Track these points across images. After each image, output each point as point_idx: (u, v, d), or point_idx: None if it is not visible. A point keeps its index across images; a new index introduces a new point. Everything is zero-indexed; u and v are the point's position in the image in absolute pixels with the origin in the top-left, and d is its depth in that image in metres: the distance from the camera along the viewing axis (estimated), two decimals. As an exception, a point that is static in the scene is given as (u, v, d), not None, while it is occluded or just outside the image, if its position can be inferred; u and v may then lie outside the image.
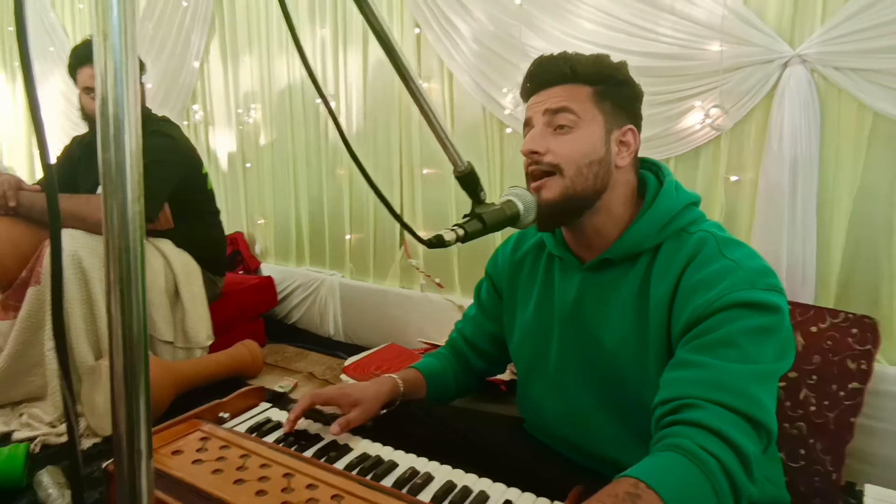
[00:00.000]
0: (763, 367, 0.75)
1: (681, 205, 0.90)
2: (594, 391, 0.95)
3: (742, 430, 0.71)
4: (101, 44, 0.40)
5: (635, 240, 0.90)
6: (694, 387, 0.74)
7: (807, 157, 1.43)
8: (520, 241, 1.11)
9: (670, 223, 0.89)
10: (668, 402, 0.76)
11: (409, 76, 0.68)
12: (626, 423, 0.92)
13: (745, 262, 0.81)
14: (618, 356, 0.90)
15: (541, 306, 1.03)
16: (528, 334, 1.04)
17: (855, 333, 1.24)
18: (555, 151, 0.90)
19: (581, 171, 0.90)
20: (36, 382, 1.74)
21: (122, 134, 0.40)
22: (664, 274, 0.86)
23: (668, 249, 0.88)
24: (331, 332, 2.57)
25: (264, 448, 0.90)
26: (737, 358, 0.75)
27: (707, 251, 0.84)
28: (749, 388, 0.73)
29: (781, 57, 1.42)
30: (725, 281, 0.79)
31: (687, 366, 0.77)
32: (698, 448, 0.69)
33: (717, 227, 0.90)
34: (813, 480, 1.24)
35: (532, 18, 1.80)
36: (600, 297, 0.93)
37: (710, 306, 0.78)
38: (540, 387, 1.04)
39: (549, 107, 0.91)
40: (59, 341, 0.47)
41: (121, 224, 0.41)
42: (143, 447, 0.41)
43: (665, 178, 0.94)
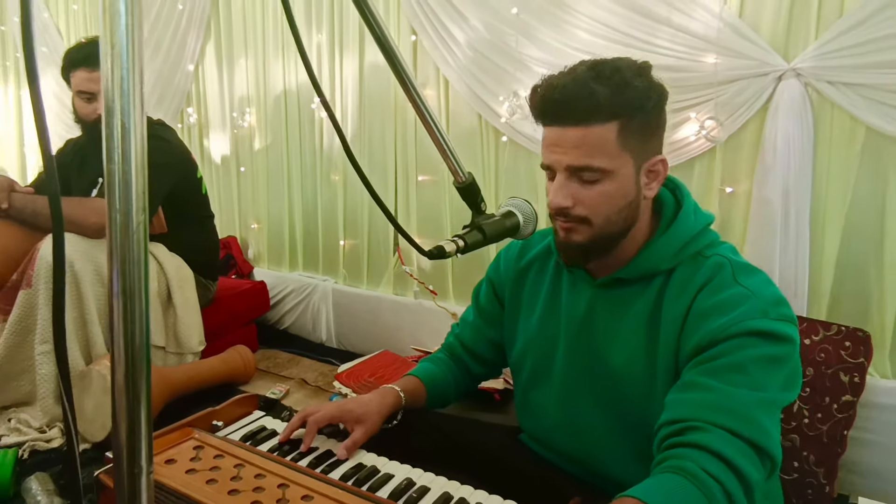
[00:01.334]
0: (770, 396, 0.75)
1: (699, 227, 0.89)
2: (598, 405, 0.94)
3: (746, 455, 0.71)
4: (108, 53, 0.39)
5: (651, 262, 0.89)
6: (700, 409, 0.74)
7: (800, 169, 1.45)
8: (525, 247, 1.09)
9: (687, 246, 0.87)
10: (673, 423, 0.76)
11: (411, 84, 0.68)
12: (627, 441, 0.92)
13: (759, 290, 0.81)
14: (625, 375, 0.90)
15: (546, 316, 1.01)
16: (532, 343, 1.03)
17: (848, 346, 1.25)
18: (584, 203, 0.85)
19: (611, 219, 0.86)
20: (25, 387, 1.71)
21: (128, 144, 0.40)
22: (678, 297, 0.85)
23: (684, 272, 0.87)
24: (323, 338, 2.55)
25: (259, 457, 0.89)
26: (745, 384, 0.74)
27: (722, 277, 0.83)
28: (755, 414, 0.73)
29: (776, 70, 1.44)
30: (739, 308, 0.79)
31: (694, 388, 0.77)
32: (701, 471, 0.69)
33: (732, 250, 0.89)
34: (806, 493, 1.24)
35: (528, 28, 1.81)
36: (611, 315, 0.92)
37: (723, 332, 0.78)
38: (542, 396, 1.03)
39: (572, 164, 0.83)
40: (59, 347, 0.46)
41: (124, 235, 0.40)
42: (143, 462, 0.41)
43: (684, 199, 0.91)
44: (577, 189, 0.85)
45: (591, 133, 0.82)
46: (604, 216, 0.86)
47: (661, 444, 0.76)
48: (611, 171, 0.83)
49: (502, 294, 1.11)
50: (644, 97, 0.82)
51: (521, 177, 1.97)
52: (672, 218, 0.90)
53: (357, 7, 0.57)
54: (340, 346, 2.52)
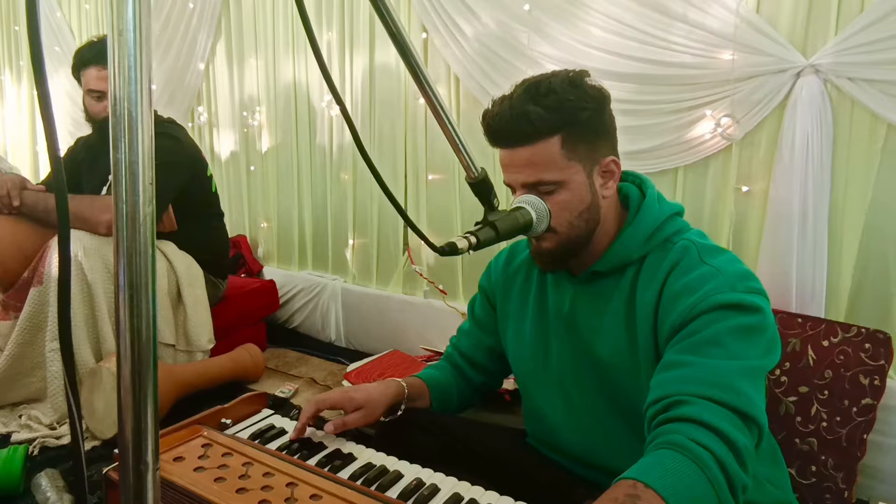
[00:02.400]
0: (749, 363, 0.77)
1: (664, 216, 0.92)
2: (594, 398, 0.96)
3: (731, 421, 0.72)
4: (115, 40, 0.39)
5: (622, 253, 0.92)
6: (682, 384, 0.76)
7: (818, 168, 1.42)
8: (512, 253, 1.13)
9: (654, 234, 0.91)
10: (658, 401, 0.78)
11: (423, 78, 0.67)
12: (627, 430, 0.93)
13: (725, 267, 0.84)
14: (612, 365, 0.92)
15: (537, 317, 1.04)
16: (526, 345, 1.05)
17: (868, 348, 1.22)
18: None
19: (573, 224, 0.91)
20: (35, 384, 1.72)
21: (135, 133, 0.39)
22: (649, 283, 0.88)
23: (653, 259, 0.90)
24: (332, 337, 2.55)
25: (267, 456, 0.89)
26: (722, 355, 0.77)
27: (688, 259, 0.87)
28: (735, 382, 0.75)
29: (794, 67, 1.41)
30: (707, 285, 0.82)
31: (674, 366, 0.79)
32: (691, 442, 0.70)
33: (699, 234, 0.93)
34: (824, 497, 1.22)
35: (541, 24, 1.79)
36: (593, 309, 0.95)
37: (694, 310, 0.80)
38: (542, 395, 1.04)
39: (525, 181, 0.90)
40: (65, 344, 0.45)
41: (131, 226, 0.39)
42: (149, 458, 0.40)
43: (647, 189, 0.95)
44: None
45: (536, 150, 0.87)
46: (566, 223, 0.90)
47: (650, 423, 0.78)
48: (563, 181, 0.88)
49: (494, 301, 1.14)
50: (579, 108, 0.86)
51: (532, 175, 1.95)
52: (637, 208, 0.93)
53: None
54: (349, 346, 2.52)
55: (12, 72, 3.97)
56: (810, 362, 1.26)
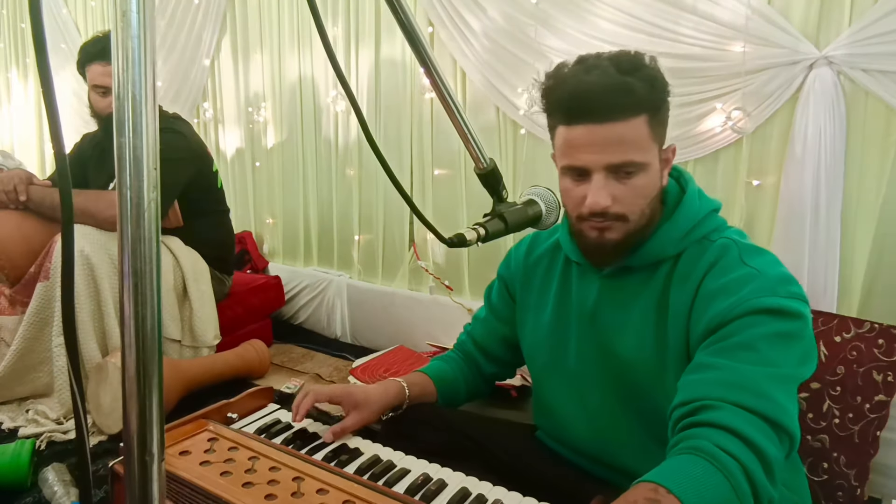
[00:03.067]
0: (783, 371, 0.74)
1: (703, 212, 0.88)
2: (612, 396, 0.94)
3: (762, 431, 0.69)
4: (118, 22, 0.38)
5: (658, 249, 0.88)
6: (712, 388, 0.73)
7: (831, 161, 1.40)
8: (534, 243, 1.10)
9: (693, 231, 0.87)
10: (686, 403, 0.75)
11: (431, 65, 0.66)
12: (642, 430, 0.91)
13: (766, 269, 0.80)
14: (635, 363, 0.89)
15: (558, 310, 1.01)
16: (545, 337, 1.03)
17: (881, 344, 1.21)
18: (622, 201, 0.84)
19: (644, 213, 0.86)
20: (42, 379, 1.72)
21: (138, 117, 0.38)
22: (684, 281, 0.85)
23: (689, 257, 0.86)
24: (338, 333, 2.54)
25: (273, 450, 0.88)
26: (756, 361, 0.74)
27: (728, 258, 0.82)
28: (769, 389, 0.72)
29: (807, 58, 1.39)
30: (746, 288, 0.78)
31: (705, 368, 0.76)
32: (717, 449, 0.67)
33: (739, 234, 0.89)
34: (836, 495, 1.20)
35: (549, 18, 1.77)
36: (619, 304, 0.92)
37: (731, 312, 0.77)
38: (556, 390, 1.02)
39: (612, 161, 0.81)
40: (70, 338, 0.44)
41: (136, 213, 0.38)
42: (154, 449, 0.39)
43: (687, 185, 0.92)
44: (615, 187, 0.83)
45: (629, 127, 0.80)
46: (639, 211, 0.85)
47: (675, 426, 0.75)
48: (646, 164, 0.83)
49: (513, 291, 1.11)
50: (665, 90, 0.84)
51: (540, 170, 1.93)
52: (676, 203, 0.89)
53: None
54: (355, 342, 2.51)
55: (19, 69, 3.99)
56: (822, 358, 1.25)
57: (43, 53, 0.40)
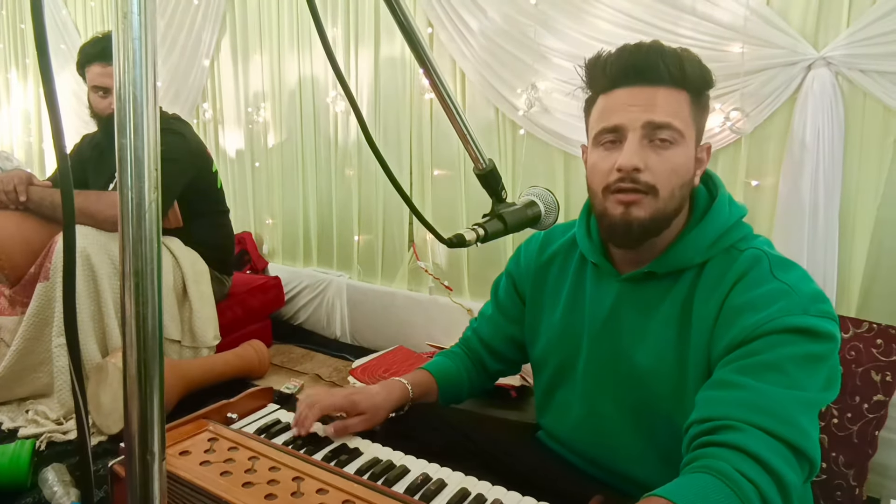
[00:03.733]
0: (809, 396, 0.71)
1: (733, 220, 0.85)
2: (623, 406, 0.91)
3: (783, 457, 0.67)
4: (119, 22, 0.38)
5: (684, 256, 0.85)
6: (734, 408, 0.70)
7: (829, 162, 1.40)
8: (546, 241, 1.06)
9: (720, 239, 0.84)
10: (705, 421, 0.72)
11: (430, 65, 0.66)
12: (652, 442, 0.89)
13: (798, 285, 0.77)
14: (652, 373, 0.86)
15: (570, 311, 0.98)
16: (556, 339, 1.00)
17: (880, 344, 1.21)
18: (654, 170, 0.81)
19: (673, 194, 0.82)
20: (42, 379, 1.72)
21: (140, 117, 0.38)
22: (711, 292, 0.81)
23: (716, 266, 0.83)
24: (337, 333, 2.55)
25: (273, 450, 0.88)
26: (783, 383, 0.70)
27: (758, 271, 0.79)
28: (794, 414, 0.69)
29: (805, 59, 1.39)
30: (777, 304, 0.75)
31: (728, 386, 0.73)
32: (735, 472, 0.65)
33: (767, 244, 0.85)
34: (835, 495, 1.20)
35: (548, 18, 1.78)
36: (639, 312, 0.88)
37: (759, 329, 0.74)
38: (565, 395, 1.00)
39: (654, 120, 0.79)
40: (72, 339, 0.45)
41: (137, 214, 0.39)
42: (156, 448, 0.39)
43: (718, 190, 0.88)
44: (649, 154, 0.81)
45: (671, 94, 0.80)
46: (670, 188, 0.81)
47: (692, 443, 0.72)
48: (684, 138, 0.81)
49: (523, 290, 1.08)
50: (710, 76, 0.83)
51: (540, 171, 1.94)
52: (706, 209, 0.86)
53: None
54: (355, 342, 2.51)
55: (19, 70, 3.99)
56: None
57: (45, 55, 0.41)
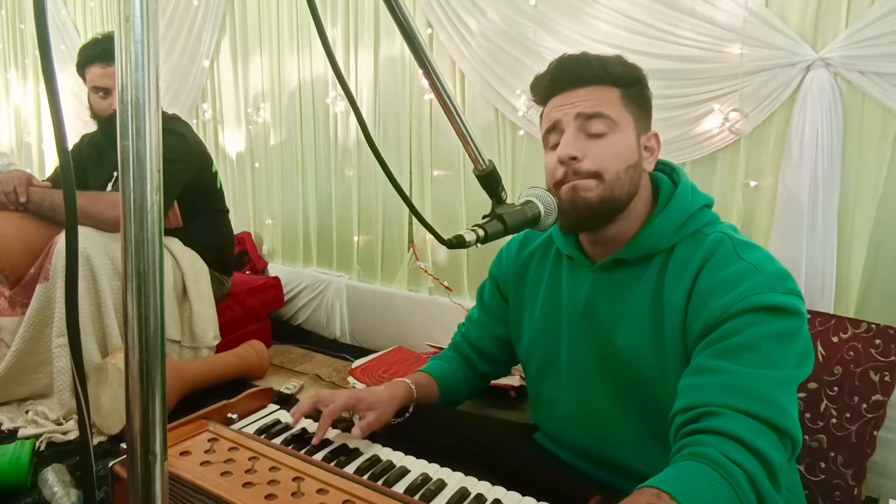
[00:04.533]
0: (785, 374, 0.74)
1: (696, 206, 0.89)
2: (609, 392, 0.93)
3: (767, 438, 0.69)
4: (122, 25, 0.38)
5: (651, 241, 0.88)
6: (715, 393, 0.72)
7: (828, 162, 1.40)
8: (525, 241, 1.10)
9: (685, 224, 0.88)
10: (688, 409, 0.74)
11: (430, 66, 0.66)
12: (642, 425, 0.90)
13: (763, 264, 0.80)
14: (633, 358, 0.89)
15: (549, 306, 1.01)
16: (538, 335, 1.03)
17: (878, 344, 1.21)
18: (593, 157, 0.87)
19: (619, 177, 0.87)
20: (42, 380, 1.72)
21: (142, 120, 0.38)
22: (679, 276, 0.85)
23: (683, 250, 0.86)
24: (337, 334, 2.55)
25: (273, 450, 0.88)
26: (759, 363, 0.73)
27: (723, 252, 0.82)
28: (773, 394, 0.71)
29: (804, 60, 1.40)
30: (744, 284, 0.77)
31: (706, 371, 0.75)
32: (723, 457, 0.67)
33: (732, 228, 0.90)
34: (833, 495, 1.21)
35: (547, 20, 1.78)
36: (613, 298, 0.92)
37: (729, 310, 0.76)
38: (552, 388, 1.02)
39: (583, 111, 0.87)
40: (74, 340, 0.45)
41: (139, 215, 0.39)
42: (157, 449, 0.39)
43: (679, 179, 0.93)
44: (586, 143, 0.87)
45: (599, 90, 0.88)
46: (613, 171, 0.87)
47: (678, 431, 0.74)
48: (618, 125, 0.87)
49: (506, 290, 1.11)
50: (638, 72, 0.91)
51: (539, 171, 1.93)
52: (669, 196, 0.91)
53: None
54: (354, 342, 2.51)
55: (18, 70, 3.99)
56: (820, 358, 1.25)
57: (48, 58, 0.41)
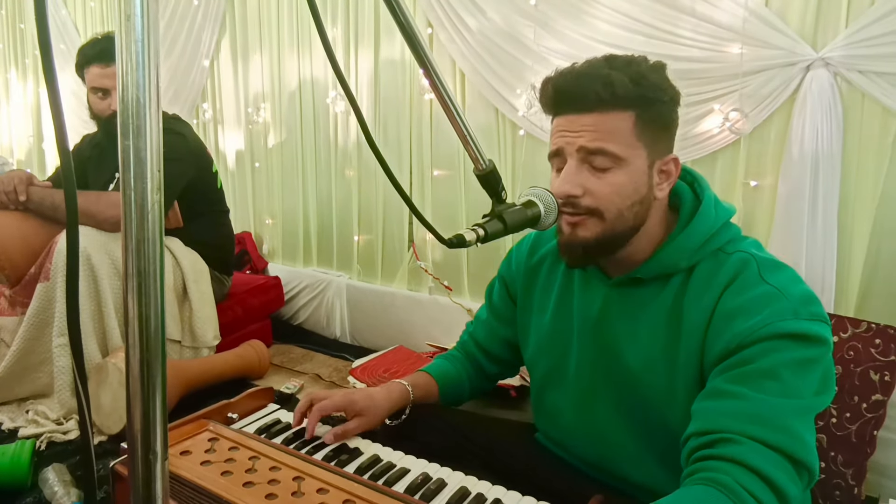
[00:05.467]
0: (804, 402, 0.71)
1: (720, 223, 0.84)
2: (616, 408, 0.92)
3: (783, 469, 0.67)
4: (123, 25, 0.38)
5: (670, 260, 0.84)
6: (731, 420, 0.70)
7: (828, 162, 1.40)
8: (536, 243, 1.07)
9: (708, 242, 0.83)
10: (703, 434, 0.72)
11: (430, 65, 0.67)
12: (647, 444, 0.89)
13: (788, 288, 0.76)
14: (643, 377, 0.86)
15: (559, 315, 0.99)
16: (545, 342, 1.01)
17: (878, 344, 1.21)
18: (594, 193, 0.82)
19: (622, 214, 0.82)
20: (42, 380, 1.72)
21: (143, 119, 0.38)
22: (700, 296, 0.81)
23: (705, 270, 0.82)
24: (337, 333, 2.55)
25: (274, 450, 0.88)
26: (778, 392, 0.70)
27: (747, 275, 0.79)
28: (791, 424, 0.69)
29: (804, 60, 1.40)
30: (768, 309, 0.74)
31: (723, 396, 0.73)
32: (738, 486, 0.65)
33: (756, 245, 0.85)
34: (833, 494, 1.21)
35: (547, 19, 1.78)
36: (627, 315, 0.88)
37: (751, 335, 0.73)
38: (558, 397, 1.01)
39: (585, 145, 0.80)
40: (75, 340, 0.45)
41: (140, 214, 0.39)
42: (158, 447, 0.40)
43: (703, 193, 0.87)
44: (588, 178, 0.82)
45: (607, 118, 0.80)
46: (615, 210, 0.82)
47: (691, 455, 0.72)
48: (624, 160, 0.80)
49: (514, 292, 1.09)
50: (660, 90, 0.81)
51: (539, 171, 1.94)
52: (692, 213, 0.86)
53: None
54: (354, 342, 2.51)
55: (18, 69, 3.99)
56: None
57: (49, 58, 0.41)
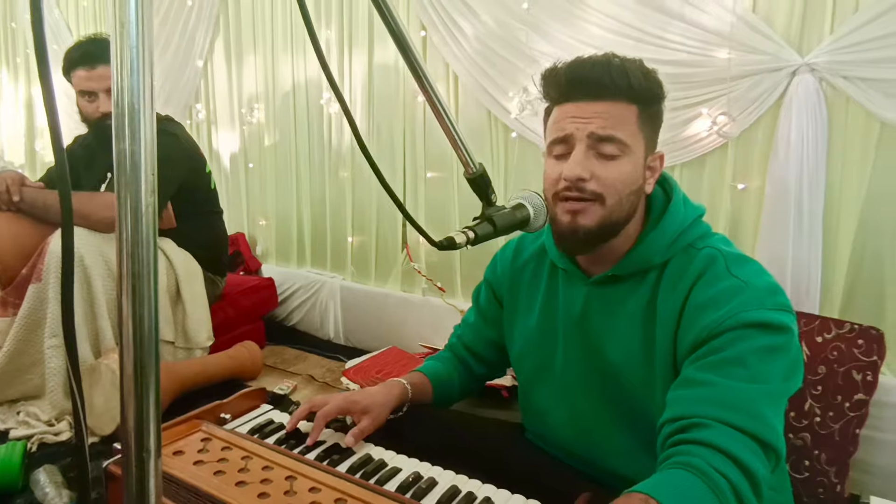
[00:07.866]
0: (771, 387, 0.75)
1: (689, 219, 0.89)
2: (600, 401, 0.94)
3: (751, 450, 0.71)
4: (117, 31, 0.39)
5: (645, 256, 0.89)
6: (701, 405, 0.74)
7: (814, 165, 1.43)
8: (520, 247, 1.10)
9: (679, 239, 0.88)
10: (676, 420, 0.75)
11: (421, 71, 0.68)
12: (632, 435, 0.92)
13: (753, 280, 0.81)
14: (624, 370, 0.90)
15: (545, 315, 1.02)
16: (532, 342, 1.03)
17: (861, 344, 1.24)
18: (600, 178, 0.85)
19: (621, 202, 0.86)
20: (34, 381, 1.72)
21: (137, 124, 0.39)
22: (672, 291, 0.85)
23: (676, 266, 0.87)
24: (331, 334, 2.55)
25: (266, 450, 0.89)
26: (745, 377, 0.74)
27: (715, 269, 0.83)
28: (757, 407, 0.73)
29: (790, 65, 1.42)
30: (734, 300, 0.78)
31: (694, 384, 0.77)
32: (709, 467, 0.69)
33: (724, 241, 0.90)
34: (817, 492, 1.23)
35: (539, 23, 1.80)
36: (607, 312, 0.92)
37: (719, 326, 0.78)
38: (545, 395, 1.03)
39: (596, 131, 0.84)
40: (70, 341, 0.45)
41: (134, 217, 0.40)
42: (151, 446, 0.40)
43: (673, 191, 0.92)
44: (595, 164, 0.85)
45: (617, 107, 0.84)
46: (617, 197, 0.85)
47: (666, 441, 0.76)
48: (630, 148, 0.84)
49: (500, 295, 1.12)
50: (660, 88, 0.87)
51: (531, 173, 1.96)
52: (662, 210, 0.90)
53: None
54: (348, 343, 2.52)
55: (9, 69, 3.97)
56: (805, 358, 1.27)
57: (44, 62, 0.42)
